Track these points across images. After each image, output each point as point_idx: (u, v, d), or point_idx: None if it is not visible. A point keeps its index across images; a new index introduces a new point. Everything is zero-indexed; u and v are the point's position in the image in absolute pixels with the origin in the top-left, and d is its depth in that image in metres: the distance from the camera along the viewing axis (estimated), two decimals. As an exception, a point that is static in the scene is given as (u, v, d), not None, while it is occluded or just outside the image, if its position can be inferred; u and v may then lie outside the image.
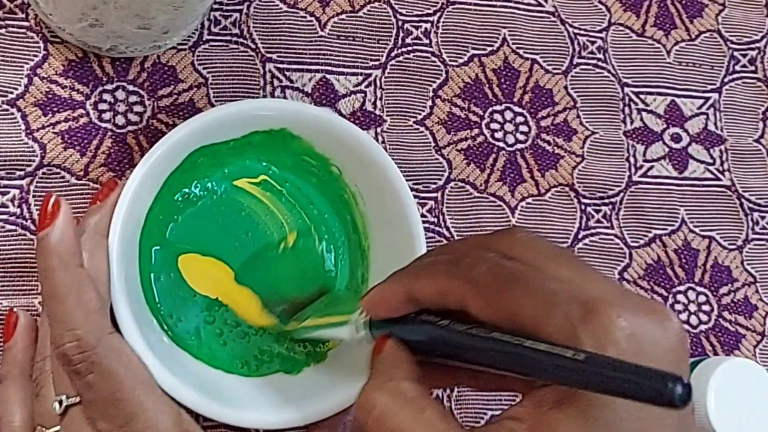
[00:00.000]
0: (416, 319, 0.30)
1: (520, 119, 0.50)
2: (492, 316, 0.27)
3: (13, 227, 0.41)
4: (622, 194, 0.50)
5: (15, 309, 0.39)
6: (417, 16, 0.49)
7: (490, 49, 0.50)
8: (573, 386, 0.25)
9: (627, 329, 0.25)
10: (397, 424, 0.27)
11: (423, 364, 0.30)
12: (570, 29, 0.52)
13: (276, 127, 0.41)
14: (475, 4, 0.51)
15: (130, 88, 0.44)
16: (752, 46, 0.55)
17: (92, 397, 0.33)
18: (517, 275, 0.27)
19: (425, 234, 0.42)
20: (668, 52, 0.53)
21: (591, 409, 0.24)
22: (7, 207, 0.41)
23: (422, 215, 0.46)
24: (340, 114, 0.46)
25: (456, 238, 0.47)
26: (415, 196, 0.46)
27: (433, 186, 0.47)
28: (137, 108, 0.44)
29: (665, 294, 0.50)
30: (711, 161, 0.52)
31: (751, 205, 0.53)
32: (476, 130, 0.49)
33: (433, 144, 0.48)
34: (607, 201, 0.50)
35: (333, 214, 0.44)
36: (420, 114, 0.48)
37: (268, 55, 0.46)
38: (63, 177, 0.42)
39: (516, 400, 0.27)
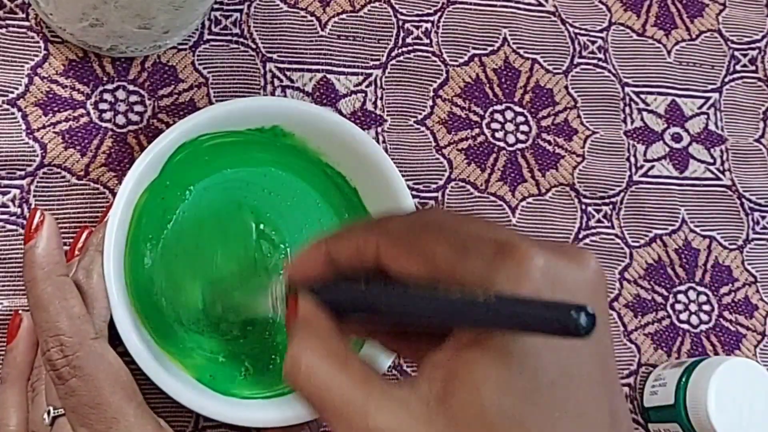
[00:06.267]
0: (334, 282, 0.30)
1: (520, 119, 0.50)
2: (407, 266, 0.27)
3: (14, 227, 0.41)
4: (622, 194, 0.50)
5: (20, 311, 0.39)
6: (417, 15, 0.49)
7: (490, 48, 0.50)
8: (486, 327, 0.25)
9: (542, 266, 0.25)
10: (323, 379, 0.27)
11: (340, 316, 0.30)
12: (570, 29, 0.52)
13: (267, 125, 0.41)
14: (475, 4, 0.51)
15: (131, 87, 0.44)
16: (753, 45, 0.55)
17: (74, 403, 0.34)
18: (431, 223, 0.28)
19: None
20: (669, 52, 0.53)
21: (508, 343, 0.25)
22: (7, 207, 0.41)
23: (423, 215, 0.46)
24: (341, 113, 0.46)
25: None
26: (415, 196, 0.46)
27: (434, 186, 0.47)
28: (138, 108, 0.44)
29: (666, 294, 0.50)
30: (711, 161, 0.52)
31: (751, 205, 0.53)
32: (477, 130, 0.49)
33: (433, 144, 0.48)
34: (607, 201, 0.50)
35: (329, 211, 0.44)
36: (420, 114, 0.48)
37: (269, 55, 0.46)
38: (63, 177, 0.42)
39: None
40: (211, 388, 0.39)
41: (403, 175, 0.41)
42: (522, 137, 0.49)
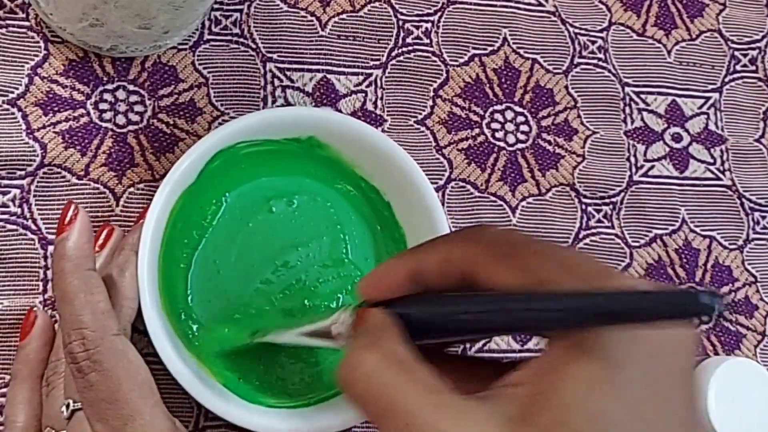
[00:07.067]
0: (414, 295, 0.28)
1: (520, 119, 0.50)
2: (504, 276, 0.26)
3: (14, 227, 0.41)
4: (622, 194, 0.50)
5: (35, 308, 0.39)
6: (417, 15, 0.49)
7: (490, 48, 0.50)
8: (587, 324, 0.24)
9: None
10: (385, 383, 0.25)
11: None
12: (570, 29, 0.52)
13: (303, 135, 0.42)
14: (475, 4, 0.51)
15: (131, 87, 0.44)
16: (753, 45, 0.55)
17: (92, 397, 0.34)
18: (529, 240, 0.27)
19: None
20: (669, 52, 0.53)
21: (600, 367, 0.23)
22: (7, 207, 0.41)
23: (423, 215, 0.46)
24: (341, 113, 0.46)
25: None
26: (415, 196, 0.46)
27: (434, 186, 0.47)
28: (138, 108, 0.44)
29: (666, 294, 0.50)
30: (712, 161, 0.52)
31: (751, 205, 0.53)
32: (477, 130, 0.49)
33: (433, 144, 0.48)
34: (607, 201, 0.50)
35: (361, 224, 0.44)
36: (421, 114, 0.48)
37: (269, 55, 0.46)
38: (64, 177, 0.42)
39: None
40: (237, 395, 0.39)
41: (430, 184, 0.42)
42: (522, 137, 0.49)
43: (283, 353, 0.41)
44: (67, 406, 0.35)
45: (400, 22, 0.49)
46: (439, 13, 0.50)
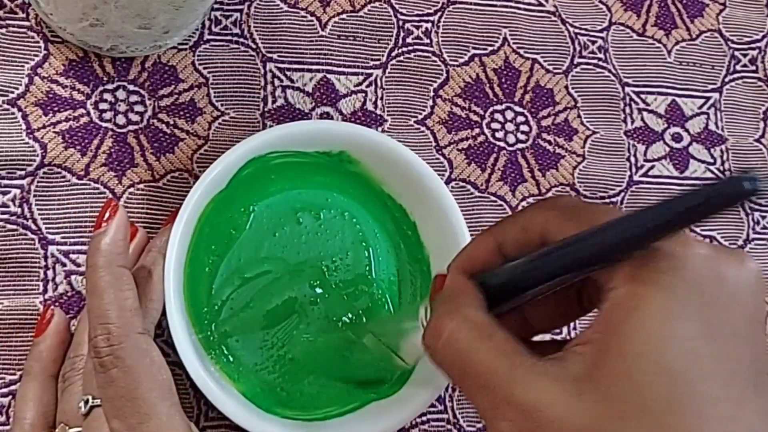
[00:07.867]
0: (495, 268, 0.30)
1: (520, 119, 0.50)
2: (573, 233, 0.28)
3: (14, 227, 0.41)
4: (622, 194, 0.50)
5: (52, 306, 0.40)
6: (418, 15, 0.49)
7: (490, 48, 0.50)
8: (657, 236, 0.26)
9: (704, 254, 0.26)
10: (465, 347, 0.27)
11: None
12: (571, 29, 0.52)
13: (335, 150, 0.42)
14: (475, 4, 0.51)
15: (131, 87, 0.44)
16: (753, 45, 0.55)
17: (112, 393, 0.34)
18: (595, 205, 0.29)
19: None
20: (669, 52, 0.53)
21: (654, 323, 0.25)
22: (8, 207, 0.41)
23: (423, 215, 0.46)
24: (341, 113, 0.46)
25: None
26: (415, 196, 0.46)
27: (434, 186, 0.47)
28: (138, 108, 0.44)
29: (666, 294, 0.50)
30: (712, 161, 0.52)
31: (752, 205, 0.53)
32: (477, 130, 0.49)
33: (433, 144, 0.48)
34: (607, 201, 0.50)
35: (385, 242, 0.44)
36: (421, 114, 0.48)
37: (269, 55, 0.46)
38: (64, 177, 0.42)
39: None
40: (254, 403, 0.39)
41: (459, 208, 0.42)
42: (522, 137, 0.49)
43: (302, 366, 0.41)
44: (86, 402, 0.35)
45: (400, 22, 0.49)
46: (439, 13, 0.50)
